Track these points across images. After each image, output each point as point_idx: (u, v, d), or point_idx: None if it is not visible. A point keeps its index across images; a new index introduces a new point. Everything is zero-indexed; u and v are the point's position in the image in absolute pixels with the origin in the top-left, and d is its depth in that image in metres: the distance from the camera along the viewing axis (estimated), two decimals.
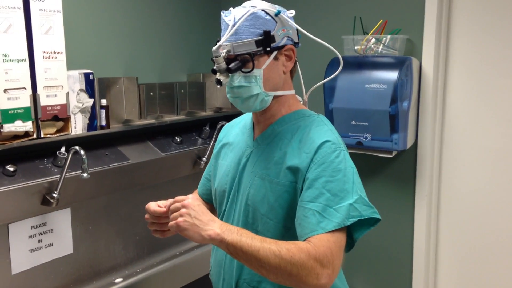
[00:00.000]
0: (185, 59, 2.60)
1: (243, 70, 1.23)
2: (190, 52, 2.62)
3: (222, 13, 1.28)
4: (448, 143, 2.26)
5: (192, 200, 1.17)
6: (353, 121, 2.15)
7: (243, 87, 1.25)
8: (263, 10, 1.24)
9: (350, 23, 2.29)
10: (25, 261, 1.81)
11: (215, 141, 2.41)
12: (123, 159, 2.06)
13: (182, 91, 2.38)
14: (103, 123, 2.03)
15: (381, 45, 2.15)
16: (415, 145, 2.26)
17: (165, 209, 1.27)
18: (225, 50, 1.23)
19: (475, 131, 2.18)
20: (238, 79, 1.24)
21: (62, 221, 1.92)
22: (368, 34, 2.21)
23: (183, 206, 1.16)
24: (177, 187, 2.38)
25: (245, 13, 1.22)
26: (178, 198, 1.21)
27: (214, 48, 1.24)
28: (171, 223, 1.16)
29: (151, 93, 2.23)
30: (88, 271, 2.03)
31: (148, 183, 2.22)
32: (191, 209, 1.15)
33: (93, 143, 2.01)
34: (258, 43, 1.22)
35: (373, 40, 2.17)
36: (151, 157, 2.17)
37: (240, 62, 1.23)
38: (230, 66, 1.22)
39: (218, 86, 1.26)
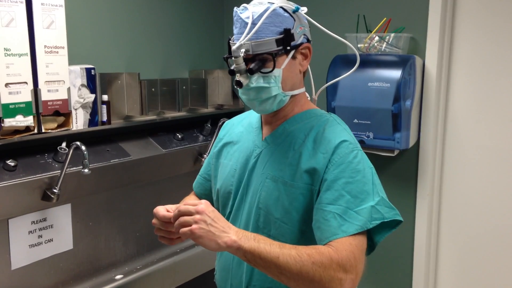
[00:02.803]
0: (187, 55, 2.59)
1: (262, 70, 1.17)
2: (192, 48, 2.61)
3: (236, 9, 1.22)
4: (450, 142, 2.25)
5: (206, 206, 1.09)
6: (356, 120, 2.14)
7: (262, 88, 1.19)
8: (281, 7, 1.18)
9: (354, 21, 2.28)
10: (25, 256, 1.80)
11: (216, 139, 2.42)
12: (124, 155, 2.05)
13: (184, 87, 2.36)
14: (104, 118, 2.02)
15: (385, 43, 2.14)
16: (417, 144, 2.24)
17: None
18: (243, 50, 1.16)
19: (478, 130, 2.17)
20: (256, 80, 1.18)
21: (62, 217, 1.91)
22: (371, 32, 2.20)
23: (197, 212, 1.07)
24: (178, 184, 2.37)
25: (265, 10, 1.16)
26: (189, 202, 1.12)
27: (234, 47, 1.16)
28: (185, 229, 1.07)
29: (153, 89, 2.22)
30: (88, 267, 2.02)
31: (149, 180, 2.21)
32: (206, 216, 1.07)
33: (94, 138, 2.00)
34: (278, 42, 1.17)
35: (377, 38, 2.16)
36: (152, 153, 2.16)
37: (259, 61, 1.17)
38: (251, 67, 1.16)
39: (238, 89, 1.19)
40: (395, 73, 2.04)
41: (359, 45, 2.20)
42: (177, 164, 2.31)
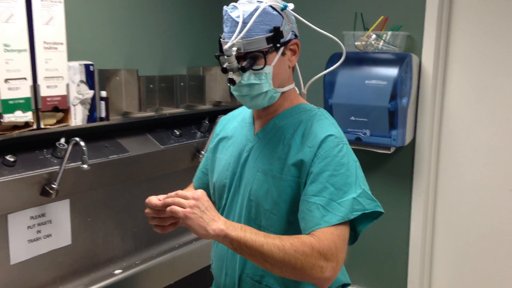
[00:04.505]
0: (185, 52, 2.60)
1: (254, 68, 1.22)
2: (190, 45, 2.62)
3: (225, 8, 1.25)
4: (446, 140, 2.28)
5: (202, 194, 1.16)
6: (352, 117, 2.16)
7: (253, 85, 1.23)
8: (270, 5, 1.22)
9: (351, 19, 2.30)
10: (24, 251, 1.81)
11: None
12: (122, 151, 2.06)
13: (182, 84, 2.37)
14: (103, 115, 2.03)
15: (382, 41, 2.16)
16: (413, 141, 2.27)
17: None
18: (235, 48, 1.20)
19: (473, 128, 2.19)
20: (248, 77, 1.22)
21: (61, 212, 1.92)
22: (368, 30, 2.22)
23: (194, 198, 1.14)
24: (176, 180, 2.38)
25: (255, 9, 1.19)
26: (180, 192, 1.18)
27: (226, 47, 1.20)
28: (178, 208, 1.12)
29: (151, 85, 2.23)
30: (86, 262, 2.03)
31: (147, 176, 2.22)
32: (200, 203, 1.14)
33: (92, 134, 2.01)
34: (268, 39, 1.21)
35: (374, 36, 2.18)
36: (150, 149, 2.17)
37: (251, 59, 1.21)
38: (243, 65, 1.20)
39: (231, 86, 1.23)
40: (392, 71, 2.06)
41: (356, 43, 2.22)
42: (175, 160, 2.33)
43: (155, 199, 1.21)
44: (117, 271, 1.89)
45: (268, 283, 1.29)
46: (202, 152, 2.40)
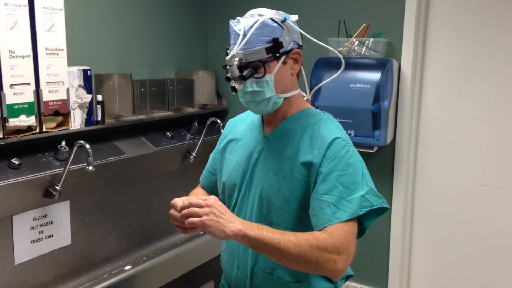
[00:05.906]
0: (173, 56, 2.66)
1: (255, 76, 1.31)
2: (178, 50, 2.69)
3: (230, 22, 1.34)
4: (423, 139, 2.43)
5: (215, 200, 1.23)
6: (338, 119, 2.27)
7: (256, 92, 1.32)
8: (270, 18, 1.31)
9: (335, 26, 2.42)
10: (27, 251, 1.85)
11: (205, 136, 2.51)
12: (119, 153, 2.12)
13: (171, 87, 2.44)
14: (99, 118, 2.09)
15: (364, 47, 2.29)
16: (393, 141, 2.41)
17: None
18: (237, 59, 1.30)
19: (448, 128, 2.35)
20: (251, 84, 1.32)
21: (61, 213, 1.97)
22: (351, 36, 2.35)
23: (207, 205, 1.21)
24: (167, 180, 2.45)
25: (255, 23, 1.29)
26: (199, 197, 1.25)
27: (227, 57, 1.30)
28: (195, 219, 1.20)
29: (142, 89, 2.28)
30: (85, 261, 2.08)
31: (141, 177, 2.29)
32: (215, 208, 1.21)
33: (90, 137, 2.05)
34: (268, 50, 1.30)
35: (357, 42, 2.30)
36: (145, 151, 2.24)
37: (252, 68, 1.30)
38: (243, 73, 1.29)
39: (234, 93, 1.32)
40: (375, 75, 2.19)
41: (340, 49, 2.34)
42: (168, 161, 2.40)
43: (180, 202, 1.27)
44: (127, 267, 1.95)
45: (279, 275, 1.38)
46: (193, 153, 2.49)
